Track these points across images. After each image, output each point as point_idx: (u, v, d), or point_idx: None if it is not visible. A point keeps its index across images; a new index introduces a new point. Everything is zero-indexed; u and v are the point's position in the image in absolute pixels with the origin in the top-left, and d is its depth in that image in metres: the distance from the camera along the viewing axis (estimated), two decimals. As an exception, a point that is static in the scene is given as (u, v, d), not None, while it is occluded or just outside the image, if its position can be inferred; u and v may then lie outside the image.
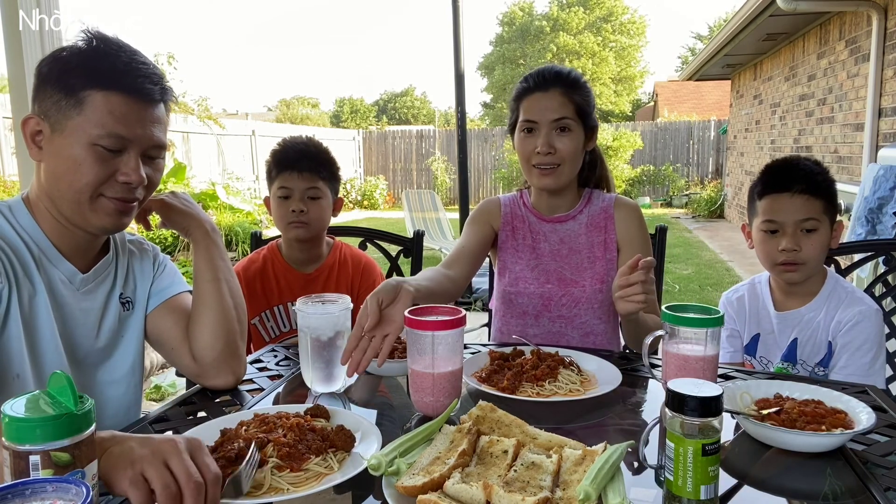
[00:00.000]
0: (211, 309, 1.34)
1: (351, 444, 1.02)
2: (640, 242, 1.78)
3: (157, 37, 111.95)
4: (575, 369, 1.38)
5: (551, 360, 1.39)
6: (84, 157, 1.14)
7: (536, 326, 1.78)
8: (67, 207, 1.19)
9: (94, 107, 1.13)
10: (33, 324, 1.19)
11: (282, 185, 1.92)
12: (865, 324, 1.57)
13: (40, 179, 1.21)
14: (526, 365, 1.37)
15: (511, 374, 1.32)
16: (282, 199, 1.92)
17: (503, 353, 1.44)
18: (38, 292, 1.19)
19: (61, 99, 1.14)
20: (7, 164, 7.56)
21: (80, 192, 1.16)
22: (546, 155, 1.67)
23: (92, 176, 1.15)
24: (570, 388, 1.31)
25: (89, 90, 1.13)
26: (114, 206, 1.20)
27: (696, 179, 15.76)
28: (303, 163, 1.91)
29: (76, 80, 1.14)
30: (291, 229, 1.92)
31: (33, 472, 0.74)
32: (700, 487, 0.83)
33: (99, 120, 1.13)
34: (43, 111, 1.16)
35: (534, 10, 34.14)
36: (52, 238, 1.23)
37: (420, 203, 9.60)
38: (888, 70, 5.06)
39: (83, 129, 1.13)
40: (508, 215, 1.86)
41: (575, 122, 1.68)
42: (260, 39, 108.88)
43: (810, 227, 1.59)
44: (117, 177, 1.18)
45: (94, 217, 1.19)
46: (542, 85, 1.69)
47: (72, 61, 1.15)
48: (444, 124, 34.81)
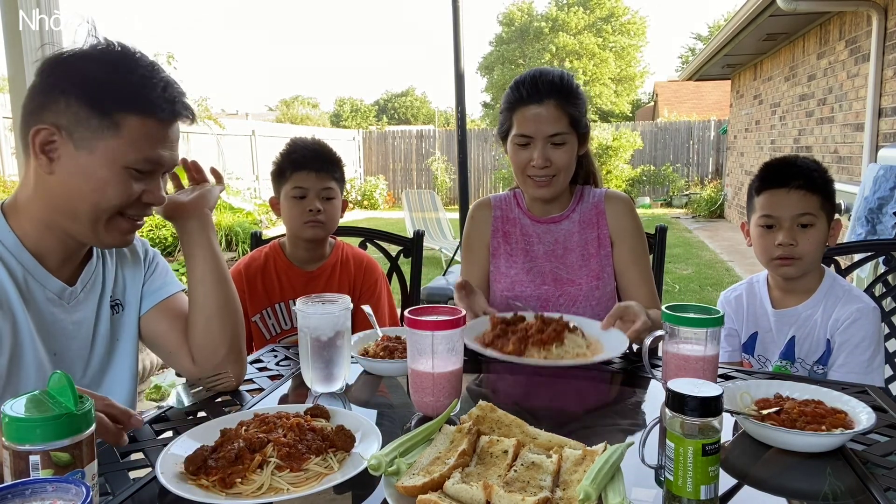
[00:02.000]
0: (217, 312, 1.32)
1: (351, 444, 1.02)
2: (632, 233, 1.78)
3: (157, 37, 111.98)
4: (579, 334, 1.36)
5: (556, 324, 1.36)
6: (114, 179, 1.14)
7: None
8: (81, 224, 1.16)
9: (129, 131, 1.13)
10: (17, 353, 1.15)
11: (297, 185, 1.91)
12: (863, 321, 1.58)
13: (41, 190, 1.16)
14: (531, 329, 1.34)
15: (516, 338, 1.29)
16: (297, 199, 1.91)
17: (504, 318, 1.41)
18: (21, 323, 1.15)
19: (91, 117, 1.11)
20: (7, 164, 7.56)
21: (102, 212, 1.16)
22: (542, 168, 1.67)
23: (120, 198, 1.15)
24: (578, 352, 1.28)
25: (126, 114, 1.12)
26: (129, 225, 1.21)
27: (696, 179, 15.76)
28: (317, 163, 1.92)
29: (111, 101, 1.11)
30: (308, 229, 1.91)
31: (33, 472, 0.74)
32: (700, 487, 0.83)
33: (134, 144, 1.13)
34: (59, 123, 1.11)
35: (533, 11, 34.13)
36: (36, 251, 1.19)
37: (420, 203, 9.60)
38: (888, 70, 5.05)
39: (119, 151, 1.13)
40: (499, 219, 1.85)
41: (570, 133, 1.68)
42: (260, 39, 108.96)
43: (806, 221, 1.60)
44: (143, 198, 1.18)
45: (106, 235, 1.19)
46: (536, 96, 1.66)
47: (98, 77, 1.12)
48: (444, 124, 34.80)
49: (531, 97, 1.67)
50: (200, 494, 0.89)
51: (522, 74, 1.73)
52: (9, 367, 1.14)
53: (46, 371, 1.18)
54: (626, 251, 1.77)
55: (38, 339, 1.18)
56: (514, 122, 1.70)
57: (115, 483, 0.96)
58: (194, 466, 0.94)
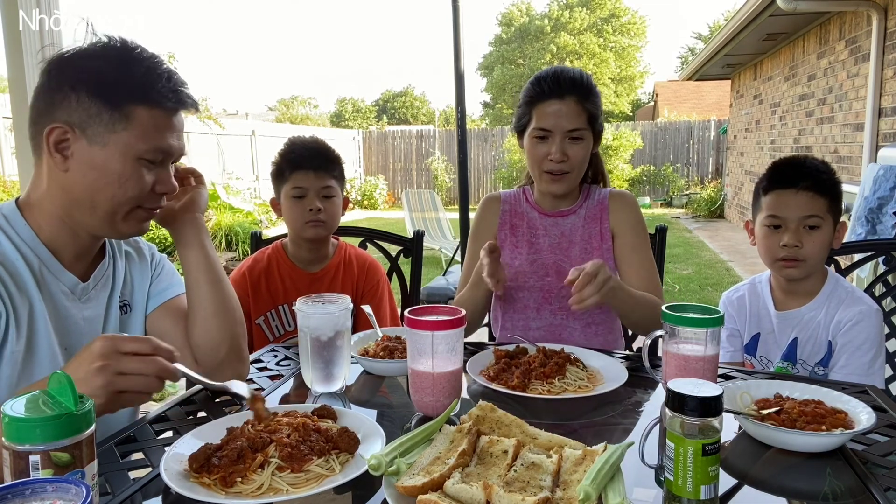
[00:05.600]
0: (215, 313, 1.33)
1: (355, 446, 1.02)
2: (632, 226, 1.80)
3: (157, 36, 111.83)
4: (581, 366, 1.38)
5: (558, 356, 1.39)
6: (130, 172, 1.16)
7: (538, 320, 1.81)
8: (98, 218, 1.19)
9: (139, 122, 1.15)
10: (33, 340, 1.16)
11: (296, 184, 1.90)
12: (866, 323, 1.57)
13: (55, 188, 1.18)
14: (534, 362, 1.37)
15: (520, 372, 1.33)
16: (296, 199, 1.90)
17: (508, 351, 1.44)
18: (37, 310, 1.17)
19: (102, 112, 1.13)
20: (7, 164, 7.56)
21: (121, 205, 1.18)
22: (559, 163, 1.70)
23: (137, 190, 1.18)
24: (579, 385, 1.31)
25: (134, 105, 1.14)
26: (145, 215, 1.23)
27: (696, 179, 15.76)
28: (316, 161, 1.91)
29: (120, 94, 1.13)
30: (309, 228, 1.91)
31: (33, 472, 0.74)
32: (700, 487, 0.83)
33: (144, 135, 1.15)
34: (72, 121, 1.13)
35: (532, 11, 34.13)
36: (52, 246, 1.21)
37: (420, 203, 9.60)
38: (888, 70, 5.06)
39: (130, 143, 1.15)
40: (507, 213, 1.89)
41: (587, 130, 1.71)
42: (260, 39, 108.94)
43: (813, 224, 1.59)
44: (156, 188, 1.21)
45: (124, 226, 1.21)
46: (558, 91, 1.69)
47: (106, 72, 1.14)
48: (444, 124, 34.82)
49: (552, 92, 1.69)
50: (201, 493, 0.90)
51: (543, 70, 1.76)
52: (25, 355, 1.15)
53: (59, 363, 1.19)
54: (627, 242, 1.79)
55: (52, 331, 1.19)
56: (534, 117, 1.72)
57: (115, 483, 0.96)
58: (198, 464, 0.94)
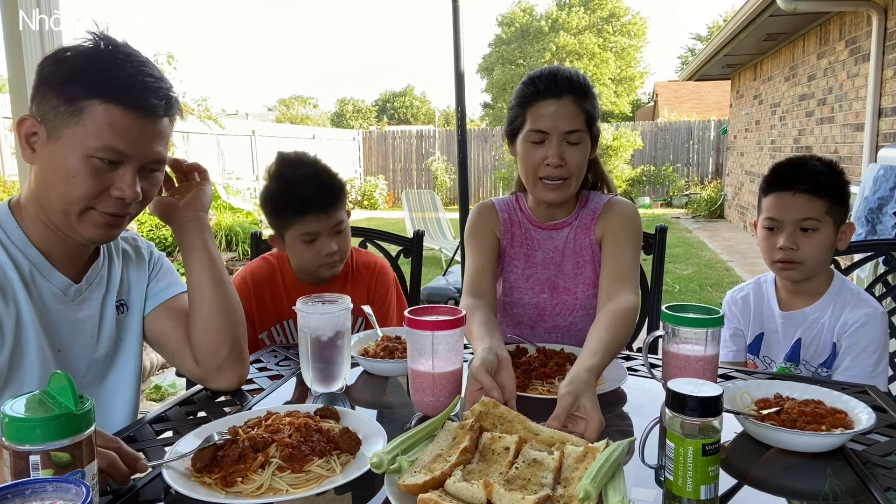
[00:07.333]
0: (217, 314, 1.32)
1: (356, 447, 1.02)
2: (619, 225, 1.64)
3: (157, 37, 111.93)
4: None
5: (558, 357, 1.38)
6: (78, 169, 1.10)
7: (533, 337, 1.72)
8: (56, 217, 1.15)
9: (93, 118, 1.09)
10: (20, 346, 1.15)
11: (306, 230, 1.72)
12: (871, 326, 1.57)
13: (34, 185, 1.16)
14: (534, 363, 1.36)
15: (520, 371, 1.32)
16: (308, 244, 1.75)
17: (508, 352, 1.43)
18: (25, 315, 1.15)
19: (60, 105, 1.09)
20: (7, 164, 7.56)
21: (70, 204, 1.12)
22: (556, 168, 1.57)
23: (84, 190, 1.11)
24: None
25: (90, 100, 1.08)
26: (103, 219, 1.15)
27: (696, 179, 15.75)
28: (323, 200, 1.73)
29: (77, 87, 1.08)
30: (325, 269, 1.79)
31: (33, 472, 0.74)
32: (700, 487, 0.83)
33: (97, 132, 1.09)
34: (40, 114, 1.11)
35: (534, 12, 34.13)
36: (42, 247, 1.19)
37: (420, 203, 9.60)
38: (888, 70, 5.05)
39: (80, 139, 1.09)
40: (507, 221, 1.76)
41: (585, 132, 1.59)
42: (260, 39, 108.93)
43: (809, 226, 1.58)
44: (111, 191, 1.13)
45: (81, 228, 1.15)
46: (554, 91, 1.56)
47: (75, 66, 1.10)
48: (444, 124, 34.83)
49: (548, 92, 1.56)
50: (201, 492, 0.90)
51: (537, 70, 1.64)
52: (11, 361, 1.14)
53: (50, 367, 1.18)
54: (609, 239, 1.64)
55: (42, 334, 1.18)
56: (528, 118, 1.59)
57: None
58: (202, 463, 0.95)
